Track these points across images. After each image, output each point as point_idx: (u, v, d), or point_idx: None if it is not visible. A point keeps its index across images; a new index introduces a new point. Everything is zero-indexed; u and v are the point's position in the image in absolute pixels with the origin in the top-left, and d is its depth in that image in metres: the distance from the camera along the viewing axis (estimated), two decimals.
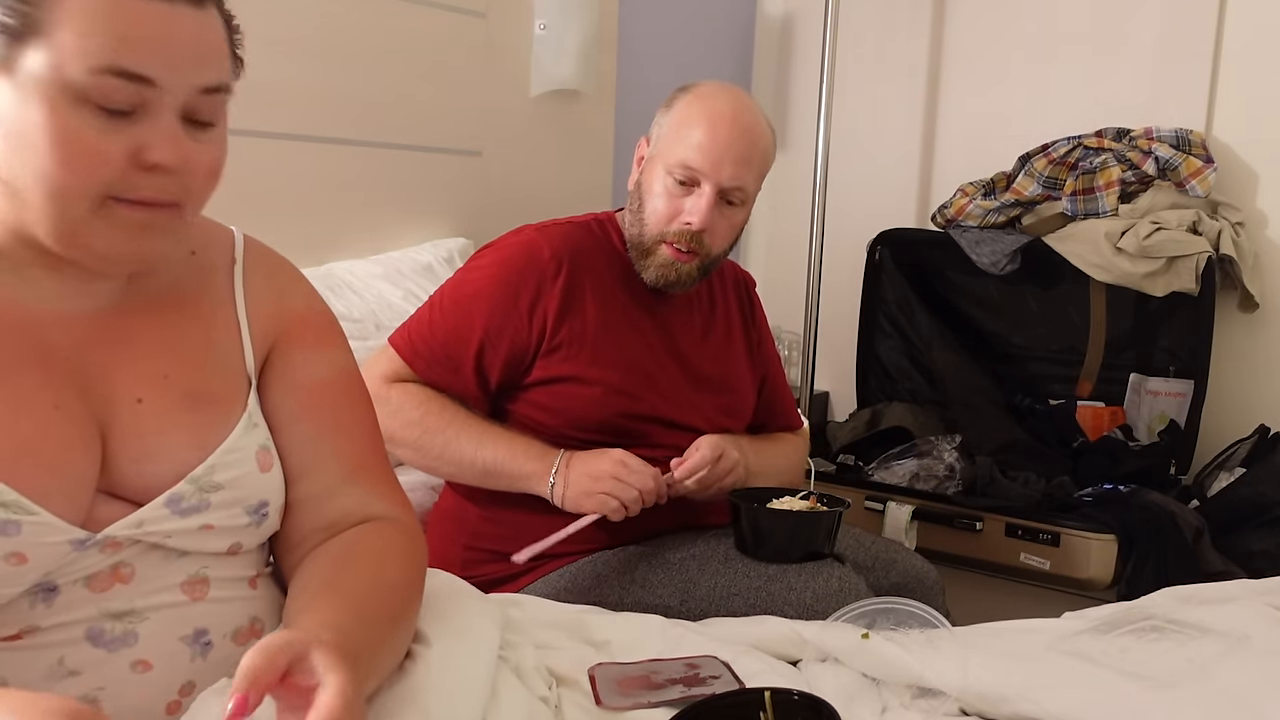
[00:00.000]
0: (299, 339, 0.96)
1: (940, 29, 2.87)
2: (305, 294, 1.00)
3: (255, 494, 0.88)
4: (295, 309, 0.97)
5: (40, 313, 0.81)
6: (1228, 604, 1.27)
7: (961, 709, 1.08)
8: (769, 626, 1.20)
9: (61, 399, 0.79)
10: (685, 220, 1.45)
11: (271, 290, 0.96)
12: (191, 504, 0.83)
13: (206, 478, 0.84)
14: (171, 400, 0.85)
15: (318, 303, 1.01)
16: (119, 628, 0.80)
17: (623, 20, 2.63)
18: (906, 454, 2.42)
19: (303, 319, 0.97)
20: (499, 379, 1.46)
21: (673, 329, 1.56)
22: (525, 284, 1.45)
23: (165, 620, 0.82)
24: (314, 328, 0.98)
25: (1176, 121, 2.45)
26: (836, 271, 2.78)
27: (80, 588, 0.79)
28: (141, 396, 0.84)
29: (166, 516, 0.82)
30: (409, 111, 2.13)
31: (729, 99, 1.48)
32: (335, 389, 0.97)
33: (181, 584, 0.84)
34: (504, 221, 2.03)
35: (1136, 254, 2.31)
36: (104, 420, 0.82)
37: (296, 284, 1.00)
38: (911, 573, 1.57)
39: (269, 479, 0.89)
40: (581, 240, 1.51)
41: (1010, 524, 2.13)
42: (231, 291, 0.93)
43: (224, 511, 0.85)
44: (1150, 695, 1.01)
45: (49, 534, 0.75)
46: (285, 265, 1.00)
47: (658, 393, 1.51)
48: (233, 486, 0.86)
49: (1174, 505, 2.08)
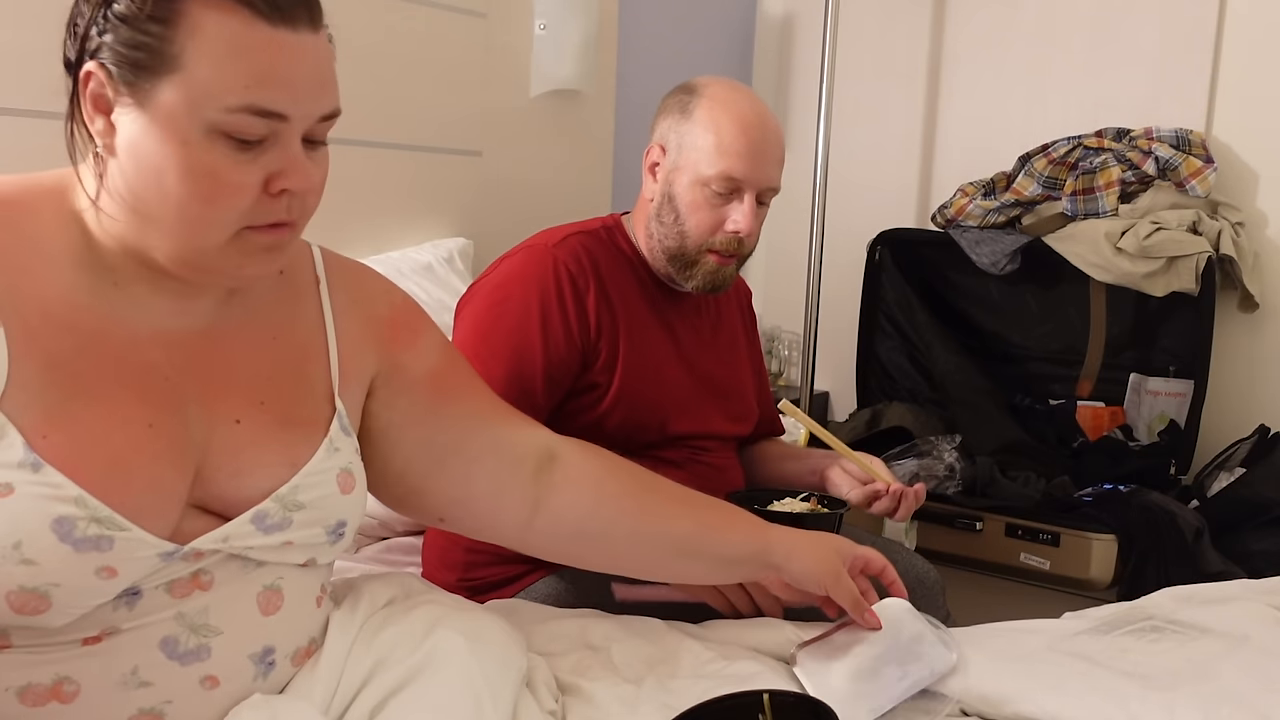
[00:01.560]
0: (397, 342, 1.00)
1: (940, 29, 2.87)
2: (384, 294, 1.03)
3: (335, 514, 0.90)
4: (380, 316, 1.00)
5: (141, 331, 0.82)
6: (1228, 604, 1.27)
7: (962, 709, 1.08)
8: (768, 629, 1.20)
9: (157, 417, 0.81)
10: (733, 230, 1.46)
11: (356, 307, 0.98)
12: (275, 521, 0.85)
13: (291, 497, 0.86)
14: (267, 421, 0.88)
15: (397, 296, 1.04)
16: (194, 640, 0.81)
17: (623, 20, 2.63)
18: (906, 454, 2.42)
19: (391, 323, 1.01)
20: (561, 398, 1.44)
21: (682, 333, 1.56)
22: (565, 299, 1.42)
23: (238, 635, 0.84)
24: (404, 325, 1.02)
25: (1176, 121, 2.45)
26: (836, 271, 2.78)
27: (162, 593, 0.80)
28: (240, 418, 0.86)
29: (251, 532, 0.84)
30: (409, 111, 2.13)
31: (747, 99, 1.48)
32: (446, 368, 1.04)
33: (258, 595, 0.86)
34: (504, 221, 2.02)
35: (1136, 254, 2.31)
36: (202, 438, 0.84)
37: (373, 288, 1.02)
38: (911, 573, 1.57)
39: (349, 500, 0.91)
40: (596, 249, 1.50)
41: (1010, 524, 2.13)
42: (320, 312, 0.96)
43: (305, 530, 0.87)
44: (1150, 695, 1.01)
45: (139, 549, 0.77)
46: (362, 273, 1.03)
47: (670, 399, 1.50)
48: (314, 506, 0.88)
49: (1174, 505, 2.08)
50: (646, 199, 1.53)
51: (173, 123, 0.75)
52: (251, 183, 0.77)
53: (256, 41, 0.75)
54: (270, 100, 0.76)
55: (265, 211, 0.79)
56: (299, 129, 0.79)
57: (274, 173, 0.78)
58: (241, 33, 0.74)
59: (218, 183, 0.76)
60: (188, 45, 0.74)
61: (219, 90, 0.74)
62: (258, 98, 0.75)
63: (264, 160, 0.78)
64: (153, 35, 0.74)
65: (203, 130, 0.75)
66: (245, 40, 0.74)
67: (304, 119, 0.79)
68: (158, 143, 0.75)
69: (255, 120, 0.76)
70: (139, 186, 0.77)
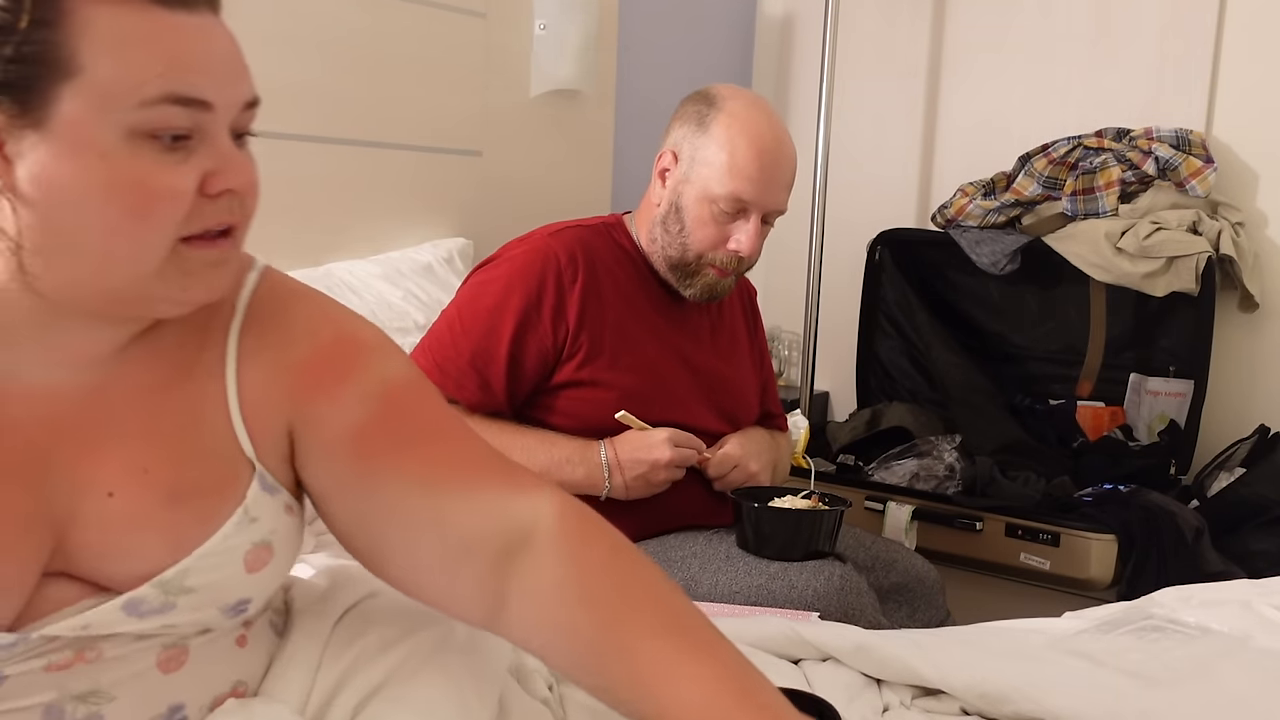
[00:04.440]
0: (311, 392, 0.79)
1: (940, 29, 2.87)
2: (309, 333, 0.82)
3: (235, 594, 0.76)
4: (295, 360, 0.80)
5: (12, 386, 0.71)
6: (1228, 604, 1.28)
7: (962, 709, 1.08)
8: (769, 626, 1.20)
9: (4, 494, 0.69)
10: (734, 250, 1.48)
11: (266, 349, 0.79)
12: (153, 607, 0.72)
13: (177, 581, 0.73)
14: (149, 496, 0.73)
15: (325, 333, 0.82)
16: (82, 710, 0.70)
17: (623, 20, 2.63)
18: (906, 454, 2.42)
19: (306, 368, 0.80)
20: (527, 389, 1.46)
21: (682, 332, 1.56)
22: (546, 290, 1.44)
23: (136, 698, 0.72)
24: (324, 370, 0.80)
25: (1176, 121, 2.45)
26: (836, 271, 2.78)
27: (35, 673, 0.69)
28: (114, 490, 0.72)
29: (120, 620, 0.71)
30: (409, 111, 2.13)
31: (765, 120, 1.48)
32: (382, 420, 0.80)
33: (156, 656, 0.74)
34: (504, 221, 2.03)
35: (1136, 254, 2.31)
36: (65, 511, 0.71)
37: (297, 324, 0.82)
38: (912, 573, 1.57)
39: (256, 579, 0.77)
40: (594, 244, 1.51)
41: (1010, 524, 2.13)
42: (223, 358, 0.78)
43: (192, 614, 0.74)
44: (1151, 695, 1.01)
45: None
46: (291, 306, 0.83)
47: (669, 397, 1.51)
48: (207, 590, 0.74)
49: (1174, 505, 2.07)
50: (653, 203, 1.53)
51: (83, 136, 0.64)
52: (186, 187, 0.67)
53: (159, 27, 0.66)
54: (189, 86, 0.66)
55: (203, 217, 0.69)
56: (224, 119, 0.69)
57: (209, 172, 0.68)
58: (140, 20, 0.65)
59: (148, 192, 0.66)
60: (81, 45, 0.63)
61: (130, 85, 0.64)
62: (174, 85, 0.66)
63: (195, 160, 0.68)
64: (37, 42, 0.63)
65: (120, 135, 0.65)
66: (147, 27, 0.65)
67: (227, 107, 0.69)
68: (70, 164, 0.64)
69: (177, 110, 0.66)
70: (54, 222, 0.65)
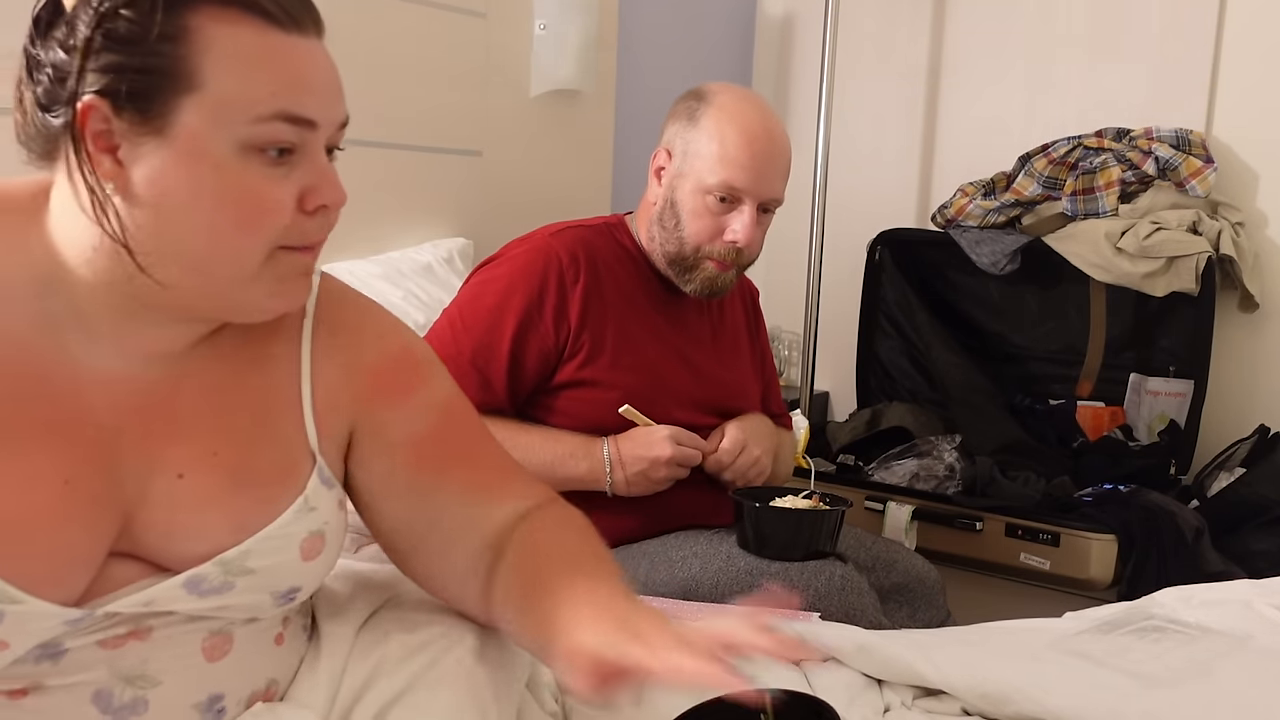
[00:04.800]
0: (380, 397, 0.87)
1: (940, 29, 2.87)
2: (378, 339, 0.90)
3: (288, 581, 0.81)
4: (366, 364, 0.88)
5: (86, 374, 0.75)
6: (1228, 604, 1.28)
7: (963, 709, 1.08)
8: None
9: (77, 472, 0.73)
10: (731, 240, 1.47)
11: (339, 351, 0.87)
12: (213, 586, 0.77)
13: (238, 562, 0.78)
14: (216, 479, 0.79)
15: (392, 340, 0.91)
16: (129, 693, 0.74)
17: (623, 20, 2.62)
18: (906, 454, 2.42)
19: (377, 373, 0.88)
20: (528, 388, 1.46)
21: (684, 333, 1.56)
22: (548, 290, 1.44)
23: (180, 684, 0.77)
24: (392, 378, 0.89)
25: (1176, 121, 2.45)
26: (836, 271, 2.78)
27: (91, 648, 0.74)
28: (184, 472, 0.78)
29: (181, 596, 0.76)
30: (409, 111, 2.13)
31: (756, 111, 1.48)
32: (436, 434, 0.89)
33: (202, 641, 0.78)
34: (504, 221, 2.02)
35: (1136, 254, 2.31)
36: (135, 492, 0.76)
37: (366, 330, 0.90)
38: (912, 573, 1.57)
39: (310, 567, 0.82)
40: (595, 243, 1.51)
41: (1010, 524, 2.13)
42: (297, 355, 0.85)
43: (247, 596, 0.79)
44: (1151, 695, 1.01)
45: (33, 621, 0.70)
46: (359, 311, 0.91)
47: (669, 397, 1.51)
48: (265, 573, 0.79)
49: (1174, 505, 2.07)
50: (650, 202, 1.53)
51: (199, 146, 0.69)
52: (288, 200, 0.73)
53: (275, 48, 0.71)
54: (300, 105, 0.72)
55: (300, 233, 0.75)
56: (324, 137, 0.75)
57: (307, 187, 0.74)
58: (258, 41, 0.70)
59: (257, 203, 0.71)
60: (204, 61, 0.69)
61: (246, 101, 0.70)
62: (287, 103, 0.71)
63: (295, 175, 0.73)
64: (164, 55, 0.68)
65: (234, 148, 0.70)
66: (264, 48, 0.71)
67: (328, 125, 0.75)
68: (185, 171, 0.69)
69: (287, 128, 0.71)
70: (165, 226, 0.71)
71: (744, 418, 1.57)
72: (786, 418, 1.79)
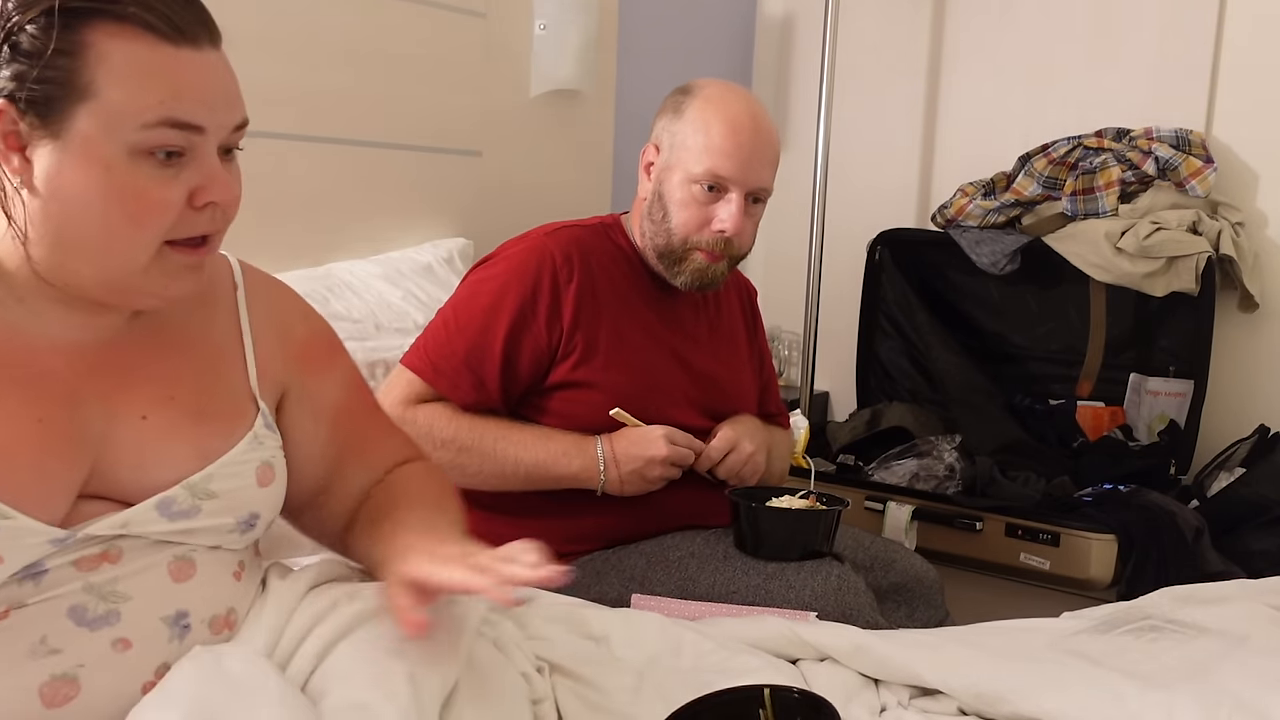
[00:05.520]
0: (309, 365, 1.02)
1: (940, 29, 2.87)
2: (304, 316, 1.05)
3: (248, 506, 0.91)
4: (298, 336, 1.02)
5: (40, 342, 0.83)
6: (1227, 604, 1.28)
7: (960, 709, 1.08)
8: (767, 626, 1.20)
9: (48, 413, 0.81)
10: (718, 229, 1.47)
11: (273, 320, 1.00)
12: (182, 508, 0.86)
13: (203, 485, 0.87)
14: (177, 416, 0.88)
15: (316, 321, 1.06)
16: (102, 606, 0.81)
17: (623, 20, 2.63)
18: (906, 454, 2.42)
19: (307, 344, 1.03)
20: (522, 388, 1.46)
21: (679, 333, 1.56)
22: (541, 289, 1.44)
23: (149, 600, 0.84)
24: (319, 350, 1.04)
25: (1176, 121, 2.45)
26: (836, 271, 2.78)
27: (67, 568, 0.81)
28: (146, 414, 0.87)
29: (154, 519, 0.85)
30: (409, 111, 2.13)
31: (741, 101, 1.48)
32: (352, 406, 1.05)
33: (169, 564, 0.86)
34: (504, 221, 2.03)
35: (1136, 254, 2.31)
36: (104, 433, 0.84)
37: (294, 309, 1.04)
38: (911, 573, 1.57)
39: (265, 493, 0.93)
40: (590, 243, 1.51)
41: (1010, 524, 2.13)
42: (237, 322, 0.97)
43: (213, 519, 0.88)
44: (1149, 694, 1.01)
45: (24, 536, 0.77)
46: (283, 292, 1.05)
47: (664, 397, 1.51)
48: (227, 496, 0.89)
49: (1174, 505, 2.07)
50: (641, 197, 1.54)
51: (92, 149, 0.77)
52: (176, 199, 0.80)
53: (164, 61, 0.78)
54: (185, 112, 0.79)
55: (188, 225, 0.82)
56: (214, 141, 0.82)
57: (196, 187, 0.81)
58: (149, 55, 0.77)
59: (144, 201, 0.79)
60: (98, 73, 0.76)
61: (134, 110, 0.77)
62: (174, 111, 0.78)
63: (185, 176, 0.80)
64: (61, 68, 0.76)
65: (124, 152, 0.77)
66: (153, 61, 0.78)
67: (218, 130, 0.82)
68: (79, 171, 0.77)
69: (173, 133, 0.78)
70: (61, 218, 0.79)
71: (736, 418, 1.57)
72: (785, 417, 1.79)
